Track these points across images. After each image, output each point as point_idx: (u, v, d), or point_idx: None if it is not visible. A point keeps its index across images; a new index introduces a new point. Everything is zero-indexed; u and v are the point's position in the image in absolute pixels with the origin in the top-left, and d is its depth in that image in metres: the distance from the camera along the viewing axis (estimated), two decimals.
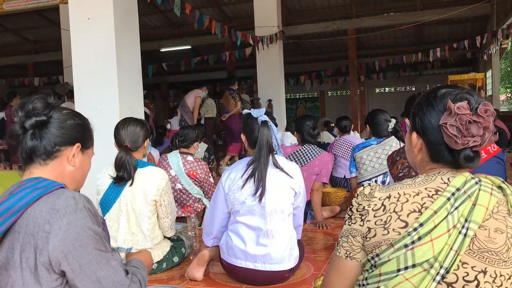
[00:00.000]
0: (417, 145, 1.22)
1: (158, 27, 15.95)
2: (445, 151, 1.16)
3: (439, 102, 1.17)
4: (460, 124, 1.10)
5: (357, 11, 13.92)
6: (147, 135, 2.71)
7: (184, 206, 3.78)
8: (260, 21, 9.67)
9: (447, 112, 1.13)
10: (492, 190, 1.12)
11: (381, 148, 3.68)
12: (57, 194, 1.19)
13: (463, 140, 1.10)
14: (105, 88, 4.78)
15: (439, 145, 1.16)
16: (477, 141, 1.10)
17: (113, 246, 2.60)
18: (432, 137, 1.17)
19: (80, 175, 1.37)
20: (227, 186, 2.40)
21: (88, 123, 1.40)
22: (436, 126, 1.16)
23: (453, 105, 1.12)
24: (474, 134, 1.09)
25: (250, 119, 2.45)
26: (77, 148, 1.32)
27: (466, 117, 1.10)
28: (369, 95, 19.02)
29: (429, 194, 1.12)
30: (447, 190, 1.11)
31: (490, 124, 1.12)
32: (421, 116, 1.20)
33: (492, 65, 13.63)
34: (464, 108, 1.10)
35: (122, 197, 2.59)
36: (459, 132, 1.10)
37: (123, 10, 4.91)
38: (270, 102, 9.87)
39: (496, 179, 1.16)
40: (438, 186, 1.13)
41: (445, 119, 1.13)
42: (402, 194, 1.14)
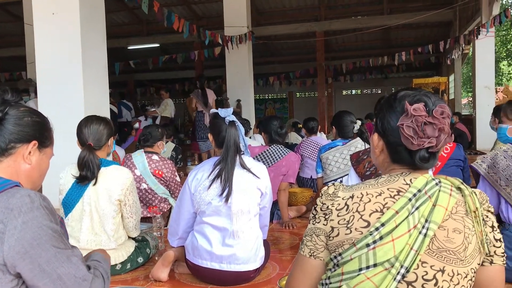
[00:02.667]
0: (379, 146, 1.25)
1: (125, 24, 15.70)
2: (404, 152, 1.18)
3: (397, 104, 1.19)
4: (416, 125, 1.12)
5: (325, 13, 14.10)
6: (111, 133, 2.66)
7: (150, 206, 3.73)
8: (230, 21, 9.65)
9: (404, 113, 1.16)
10: (451, 191, 1.14)
11: (347, 149, 3.73)
12: (11, 192, 1.15)
13: (418, 141, 1.12)
14: (69, 85, 4.68)
15: (398, 146, 1.18)
16: (432, 142, 1.12)
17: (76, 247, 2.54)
18: (392, 138, 1.19)
19: (37, 174, 1.32)
20: (193, 186, 2.38)
21: (47, 121, 1.36)
22: (395, 127, 1.18)
23: (409, 106, 1.14)
24: (429, 135, 1.12)
25: (218, 119, 2.43)
26: (33, 146, 1.28)
27: (421, 118, 1.12)
28: (336, 97, 19.30)
29: (391, 195, 1.14)
30: (409, 191, 1.13)
31: (445, 126, 1.14)
32: (381, 118, 1.23)
33: (455, 69, 14.07)
34: (420, 110, 1.13)
35: (85, 196, 2.53)
36: (415, 133, 1.12)
37: (89, 6, 4.81)
38: (239, 102, 9.87)
39: (455, 180, 1.19)
40: (400, 186, 1.15)
41: (402, 120, 1.15)
42: (365, 194, 1.16)
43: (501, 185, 2.19)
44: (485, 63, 10.43)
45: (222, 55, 9.97)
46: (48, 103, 4.78)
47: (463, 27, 12.28)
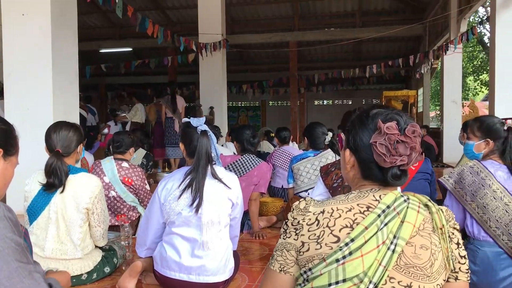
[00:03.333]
0: (350, 161, 1.26)
1: (98, 27, 15.49)
2: (375, 168, 1.20)
3: (370, 122, 1.22)
4: (389, 143, 1.15)
5: (299, 24, 14.27)
6: (80, 140, 2.60)
7: (118, 215, 3.66)
8: (204, 28, 9.64)
9: (377, 131, 1.18)
10: (419, 208, 1.17)
11: (318, 160, 3.77)
12: None
13: (391, 159, 1.14)
14: (38, 88, 4.57)
15: (370, 162, 1.20)
16: (404, 160, 1.15)
17: (40, 256, 2.47)
18: (364, 155, 1.21)
19: (1, 184, 1.28)
20: (163, 196, 2.34)
21: (13, 129, 1.32)
22: (367, 144, 1.20)
23: (383, 124, 1.17)
24: (402, 153, 1.14)
25: (189, 128, 2.41)
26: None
27: (394, 136, 1.15)
28: (308, 107, 19.48)
29: (360, 210, 1.15)
30: (378, 207, 1.15)
31: (416, 145, 1.17)
32: (354, 134, 1.25)
33: (424, 83, 14.42)
34: (393, 128, 1.15)
35: (52, 204, 2.46)
36: (388, 151, 1.15)
37: (60, 7, 4.72)
38: (212, 110, 9.84)
39: (423, 198, 1.21)
40: (369, 202, 1.17)
41: (375, 138, 1.17)
42: (335, 209, 1.17)
43: (467, 200, 2.24)
44: (452, 78, 10.75)
45: (195, 61, 9.95)
46: (15, 107, 4.65)
47: (432, 42, 12.63)
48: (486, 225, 2.19)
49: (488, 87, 20.26)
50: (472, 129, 2.43)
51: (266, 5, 13.85)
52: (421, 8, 13.40)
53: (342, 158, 1.33)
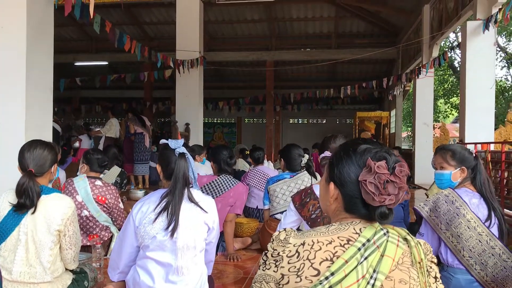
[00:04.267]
0: (334, 195, 1.26)
1: (73, 39, 15.32)
2: (360, 204, 1.20)
3: (359, 158, 1.22)
4: (379, 182, 1.15)
5: (276, 44, 14.45)
6: (54, 159, 2.53)
7: (90, 235, 3.57)
8: (182, 44, 9.65)
9: (366, 169, 1.18)
10: (398, 242, 1.18)
11: (294, 182, 3.78)
12: None
13: (380, 198, 1.15)
14: (10, 103, 4.45)
15: (355, 198, 1.20)
16: (392, 200, 1.16)
17: (7, 279, 2.38)
18: (349, 190, 1.21)
19: None
20: (138, 219, 2.29)
21: None
22: (354, 180, 1.20)
23: (373, 163, 1.17)
24: (390, 192, 1.15)
25: (167, 150, 2.38)
26: None
27: (384, 176, 1.15)
28: (284, 125, 19.62)
29: (341, 243, 1.15)
30: (358, 240, 1.15)
31: (404, 184, 1.19)
32: (340, 168, 1.24)
33: (396, 105, 14.72)
34: (383, 168, 1.16)
35: (22, 225, 2.38)
36: (377, 189, 1.15)
37: (37, 21, 4.65)
38: (187, 126, 9.79)
39: (402, 231, 1.22)
40: (350, 235, 1.17)
41: (365, 176, 1.17)
42: (316, 241, 1.17)
43: (442, 229, 2.28)
44: (424, 101, 11.03)
45: (172, 77, 9.92)
46: None
47: (405, 65, 12.96)
48: (460, 254, 2.23)
49: (458, 110, 20.85)
50: (445, 158, 2.47)
51: (244, 24, 13.99)
52: (395, 32, 13.76)
53: (324, 190, 1.33)
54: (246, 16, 13.49)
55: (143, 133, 9.67)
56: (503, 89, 18.93)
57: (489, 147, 6.15)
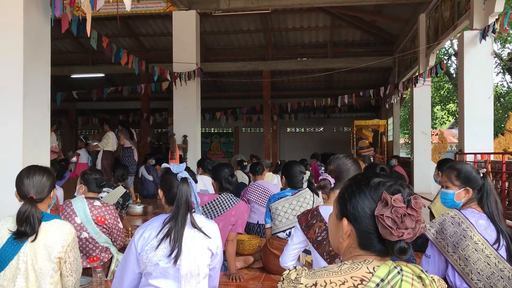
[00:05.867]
0: (347, 231, 1.23)
1: (69, 52, 15.30)
2: (375, 240, 1.18)
3: (373, 192, 1.20)
4: (396, 216, 1.13)
5: (272, 53, 14.47)
6: (53, 184, 2.49)
7: (90, 257, 3.51)
8: (178, 57, 9.63)
9: (381, 203, 1.16)
10: (412, 280, 1.15)
11: (296, 200, 3.74)
12: None
13: (398, 232, 1.12)
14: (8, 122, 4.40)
15: (371, 233, 1.18)
16: (410, 234, 1.13)
17: None
18: (364, 225, 1.19)
19: None
20: (140, 245, 2.25)
21: None
22: (369, 215, 1.18)
23: (389, 197, 1.14)
24: (408, 226, 1.13)
25: (169, 175, 2.35)
26: None
27: (401, 210, 1.13)
28: (281, 134, 19.62)
29: (354, 284, 1.12)
30: (372, 281, 1.12)
31: (421, 217, 1.16)
32: (354, 203, 1.22)
33: (393, 113, 14.73)
34: (399, 201, 1.14)
35: (21, 253, 2.33)
36: (395, 223, 1.13)
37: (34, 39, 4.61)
38: (185, 138, 9.75)
39: (415, 268, 1.19)
40: (363, 275, 1.14)
41: (381, 210, 1.15)
42: (329, 282, 1.13)
43: (449, 251, 2.24)
44: (422, 109, 11.04)
45: (169, 88, 9.91)
46: None
47: (402, 74, 12.98)
48: (468, 277, 2.19)
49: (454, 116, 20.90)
50: (450, 178, 2.44)
51: (240, 34, 14.00)
52: (391, 41, 13.80)
53: (335, 227, 1.29)
54: (242, 26, 13.51)
55: (131, 147, 9.69)
56: (499, 95, 18.99)
57: (489, 157, 6.14)
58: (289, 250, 2.60)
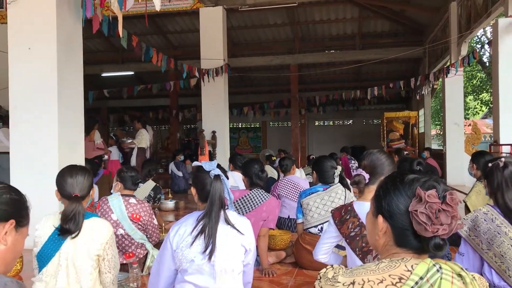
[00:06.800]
0: (383, 228, 1.23)
1: (100, 51, 15.60)
2: (411, 236, 1.18)
3: (407, 188, 1.20)
4: (430, 212, 1.12)
5: (299, 47, 14.38)
6: (92, 183, 2.57)
7: (126, 253, 3.60)
8: (206, 53, 9.69)
9: (416, 199, 1.16)
10: (452, 279, 1.13)
11: (327, 195, 3.73)
12: None
13: (432, 228, 1.12)
14: (44, 121, 4.55)
15: (406, 230, 1.18)
16: (445, 229, 1.13)
17: None
18: (399, 222, 1.19)
19: (11, 256, 1.24)
20: (175, 242, 2.29)
21: (25, 200, 1.29)
22: (403, 211, 1.18)
23: (423, 192, 1.14)
24: (443, 222, 1.12)
25: (201, 173, 2.38)
26: (10, 225, 1.21)
27: (436, 205, 1.13)
28: (309, 128, 19.51)
29: (392, 282, 1.12)
30: (411, 279, 1.11)
31: (457, 213, 1.15)
32: (388, 200, 1.22)
33: (425, 104, 14.45)
34: (433, 196, 1.14)
35: (62, 250, 2.41)
36: (429, 219, 1.12)
37: (66, 41, 4.74)
38: (214, 134, 9.83)
39: (455, 266, 1.18)
40: (401, 273, 1.13)
41: (415, 206, 1.15)
42: (367, 280, 1.13)
43: (483, 248, 2.19)
44: (454, 100, 10.78)
45: (197, 84, 10.00)
46: (20, 140, 4.63)
47: (432, 64, 12.71)
48: (506, 274, 2.14)
49: (488, 106, 20.33)
50: None
51: (267, 28, 13.97)
52: (421, 31, 13.52)
53: (372, 224, 1.30)
54: (269, 20, 13.48)
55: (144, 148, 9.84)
56: None
57: None
58: (321, 243, 2.62)
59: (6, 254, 1.22)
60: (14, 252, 1.25)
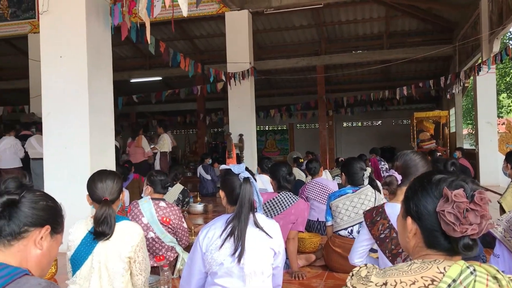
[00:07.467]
0: (412, 230, 1.22)
1: (128, 57, 15.89)
2: (441, 237, 1.16)
3: (434, 188, 1.18)
4: (458, 211, 1.10)
5: (326, 48, 14.30)
6: (122, 187, 2.62)
7: (156, 256, 3.64)
8: (232, 57, 9.75)
9: (443, 199, 1.14)
10: (487, 281, 1.10)
11: (357, 197, 3.68)
12: (20, 283, 1.11)
13: (461, 228, 1.10)
14: (75, 127, 4.66)
15: (435, 231, 1.16)
16: (475, 229, 1.10)
17: None
18: (428, 223, 1.17)
19: (46, 261, 1.29)
20: (205, 245, 2.30)
21: (61, 208, 1.35)
22: (431, 212, 1.16)
23: (449, 192, 1.12)
24: (472, 222, 1.10)
25: (231, 176, 2.38)
26: (46, 230, 1.26)
27: (463, 205, 1.11)
28: (337, 129, 19.36)
29: (425, 284, 1.10)
30: (443, 281, 1.09)
31: (487, 213, 1.12)
32: (416, 201, 1.21)
33: (455, 103, 14.13)
34: (461, 196, 1.11)
35: (95, 253, 2.46)
36: (457, 219, 1.10)
37: (96, 49, 4.85)
38: (241, 137, 9.87)
39: (491, 268, 1.15)
40: (434, 275, 1.11)
41: (442, 206, 1.13)
42: (399, 282, 1.12)
43: None
44: (486, 99, 10.50)
45: (224, 88, 10.06)
46: (53, 146, 4.76)
47: (463, 62, 12.42)
48: None
49: None
50: None
51: (292, 30, 13.95)
52: (450, 28, 13.23)
53: (402, 226, 1.28)
54: (294, 22, 13.45)
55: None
56: None
57: None
58: (356, 247, 2.61)
59: (41, 258, 1.26)
60: (48, 257, 1.29)
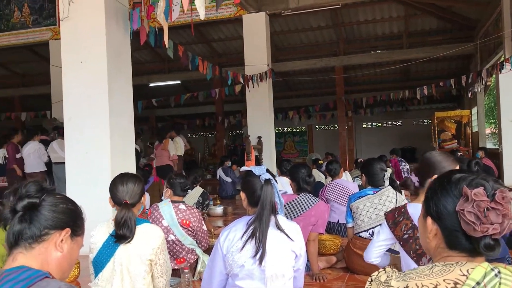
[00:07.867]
0: (432, 230, 1.19)
1: (147, 62, 16.04)
2: (462, 238, 1.13)
3: (454, 188, 1.16)
4: (478, 210, 1.08)
5: (344, 48, 14.20)
6: (143, 190, 2.64)
7: (177, 258, 3.66)
8: (250, 59, 9.76)
9: (463, 198, 1.11)
10: None
11: (378, 198, 3.64)
12: (41, 286, 1.12)
13: (481, 228, 1.07)
14: (96, 132, 4.73)
15: (456, 231, 1.13)
16: (496, 229, 1.08)
17: None
18: (448, 223, 1.15)
19: (67, 264, 1.30)
20: (226, 247, 2.30)
21: (81, 211, 1.36)
22: (451, 211, 1.14)
23: (469, 191, 1.10)
24: (493, 221, 1.07)
25: (251, 177, 2.38)
26: (66, 233, 1.27)
27: (484, 203, 1.08)
28: (357, 130, 19.19)
29: (447, 287, 1.07)
30: (466, 284, 1.06)
31: (509, 212, 1.09)
32: (435, 201, 1.19)
33: (477, 102, 13.88)
34: (481, 195, 1.09)
35: (117, 256, 2.48)
36: (477, 219, 1.08)
37: (116, 54, 4.91)
38: (259, 139, 9.86)
39: None
40: (456, 278, 1.08)
41: (462, 205, 1.10)
42: (420, 285, 1.10)
43: None
44: (509, 96, 10.27)
45: (242, 90, 10.08)
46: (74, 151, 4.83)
47: (485, 60, 12.19)
48: None
49: None
50: None
51: (310, 31, 13.89)
52: (470, 26, 13.01)
53: (422, 227, 1.26)
54: (312, 23, 13.40)
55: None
56: None
57: None
58: (374, 245, 2.57)
59: (62, 261, 1.27)
60: (69, 259, 1.30)
